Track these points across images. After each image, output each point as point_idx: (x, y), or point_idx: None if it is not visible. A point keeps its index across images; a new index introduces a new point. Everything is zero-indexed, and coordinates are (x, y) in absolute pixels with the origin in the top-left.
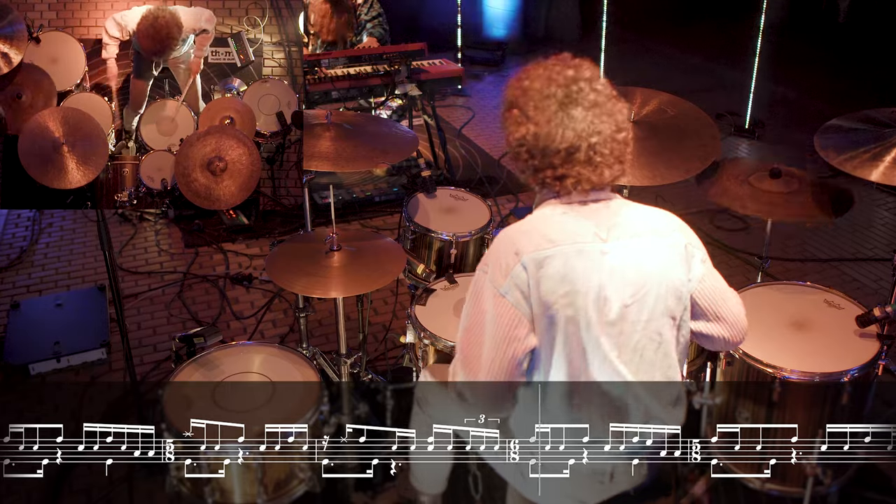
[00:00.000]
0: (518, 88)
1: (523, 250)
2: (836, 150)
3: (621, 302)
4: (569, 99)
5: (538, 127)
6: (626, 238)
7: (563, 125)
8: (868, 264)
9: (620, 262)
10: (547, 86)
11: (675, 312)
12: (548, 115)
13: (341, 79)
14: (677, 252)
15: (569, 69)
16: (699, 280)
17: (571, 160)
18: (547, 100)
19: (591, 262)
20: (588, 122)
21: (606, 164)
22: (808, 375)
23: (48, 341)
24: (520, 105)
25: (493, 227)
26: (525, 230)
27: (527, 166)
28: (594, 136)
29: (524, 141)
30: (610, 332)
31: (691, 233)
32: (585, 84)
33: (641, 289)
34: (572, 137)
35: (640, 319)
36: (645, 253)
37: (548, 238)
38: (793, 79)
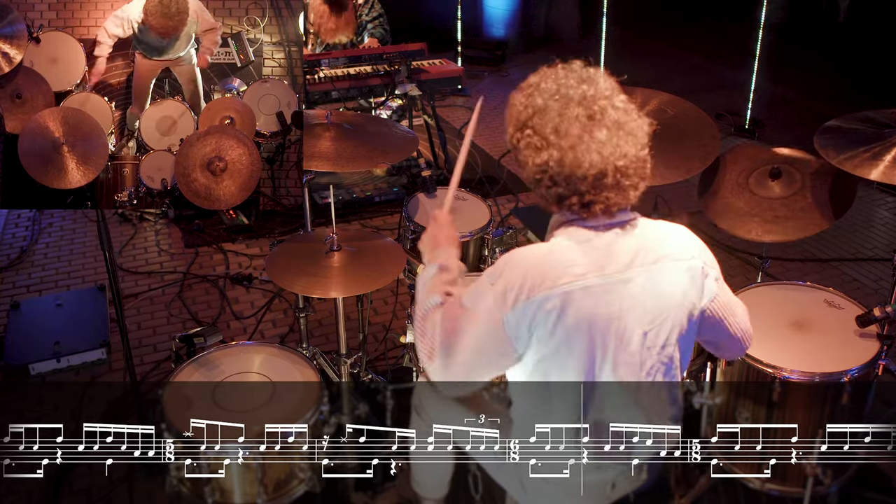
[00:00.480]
0: (530, 107)
1: (537, 288)
2: (836, 149)
3: (641, 331)
4: (592, 121)
5: (562, 152)
6: (647, 264)
7: (590, 150)
8: (868, 264)
9: (641, 290)
10: (565, 106)
11: (684, 336)
12: (571, 139)
13: (341, 79)
14: (694, 275)
15: (584, 84)
16: (711, 299)
17: (599, 186)
18: (567, 122)
19: (613, 293)
20: (614, 144)
21: (633, 186)
22: (808, 375)
23: (48, 341)
24: (535, 127)
25: (493, 228)
26: (545, 261)
27: (549, 194)
28: (621, 159)
29: (546, 168)
30: (628, 360)
31: (708, 253)
32: (606, 102)
33: (659, 316)
34: (599, 162)
35: (655, 345)
36: (664, 279)
37: (568, 271)
38: (793, 79)
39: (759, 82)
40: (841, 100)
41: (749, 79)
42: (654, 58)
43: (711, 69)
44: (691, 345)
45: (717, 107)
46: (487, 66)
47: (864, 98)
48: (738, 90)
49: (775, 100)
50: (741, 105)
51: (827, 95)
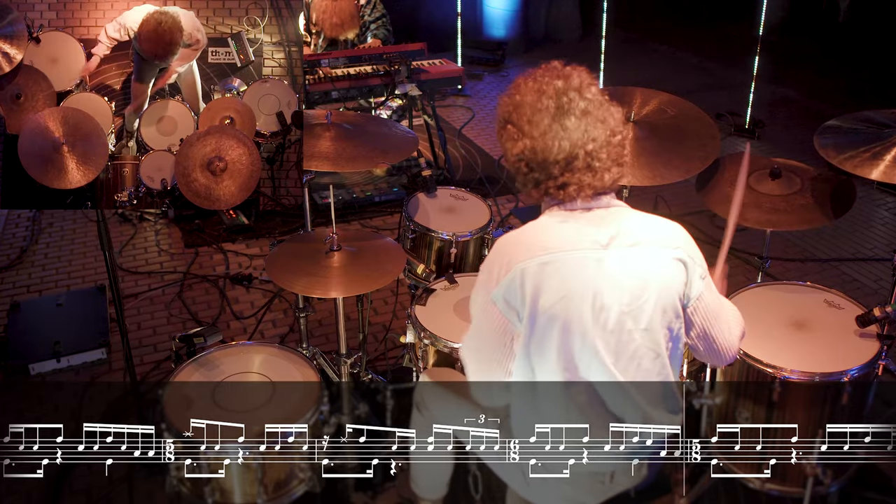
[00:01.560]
0: (510, 104)
1: (515, 258)
2: (836, 149)
3: (619, 309)
4: (560, 110)
5: (534, 140)
6: (625, 246)
7: (559, 136)
8: (868, 264)
9: (618, 269)
10: (538, 99)
11: (672, 324)
12: (542, 128)
13: (341, 79)
14: (678, 265)
15: (558, 80)
16: (697, 297)
17: (571, 168)
18: (539, 113)
19: (588, 269)
20: (582, 130)
21: (605, 168)
22: (808, 375)
23: (48, 341)
24: (513, 120)
25: (493, 227)
26: (521, 239)
27: (528, 179)
28: (590, 143)
29: (522, 156)
30: (608, 339)
31: (694, 246)
32: (575, 93)
33: (639, 297)
34: (568, 147)
35: (637, 328)
36: (644, 262)
37: (543, 246)
38: (793, 79)
39: (759, 82)
40: (841, 100)
41: (749, 79)
42: (654, 58)
43: (711, 69)
44: (681, 338)
45: (717, 107)
46: (487, 66)
47: (864, 98)
48: (738, 90)
49: (775, 100)
50: (741, 105)
51: (827, 95)
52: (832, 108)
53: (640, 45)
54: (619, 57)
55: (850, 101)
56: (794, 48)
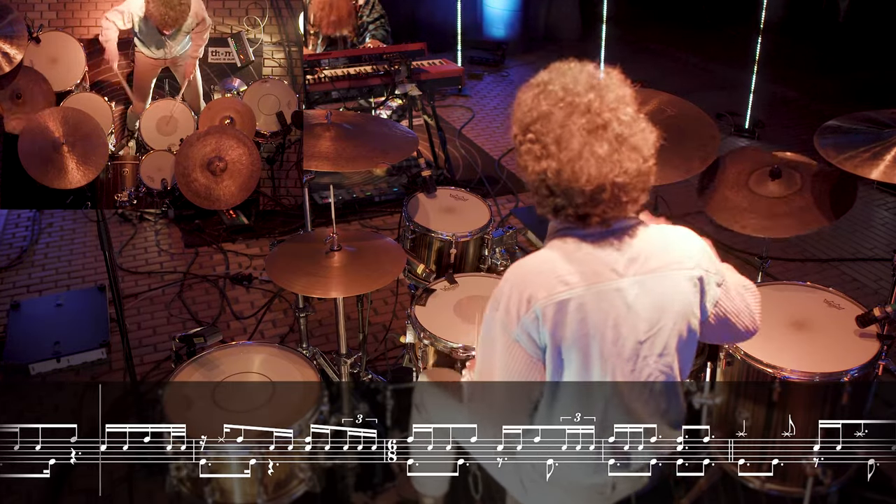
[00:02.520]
0: (535, 110)
1: (535, 296)
2: (836, 149)
3: (635, 339)
4: (593, 134)
5: (561, 164)
6: (643, 273)
7: (588, 164)
8: (868, 264)
9: (636, 299)
10: (568, 116)
11: (685, 343)
12: (571, 153)
13: (341, 79)
14: (695, 284)
15: (592, 92)
16: (714, 304)
17: (596, 200)
18: (569, 134)
19: (608, 301)
20: (614, 161)
21: (632, 201)
22: (808, 375)
23: (48, 341)
24: (537, 133)
25: (493, 228)
26: (537, 271)
27: (546, 203)
28: (620, 175)
29: (545, 177)
30: (623, 368)
31: (709, 257)
32: (611, 115)
33: (656, 325)
34: (598, 178)
35: (652, 354)
36: (662, 288)
37: (562, 280)
38: (793, 79)
39: (759, 82)
40: (841, 100)
41: (749, 79)
42: (654, 58)
43: (711, 69)
44: (692, 354)
45: (717, 107)
46: (487, 66)
47: (864, 98)
48: (738, 90)
49: (775, 100)
50: (741, 105)
51: (827, 95)
52: (832, 108)
53: (640, 44)
54: (619, 57)
55: (850, 101)
56: (794, 48)
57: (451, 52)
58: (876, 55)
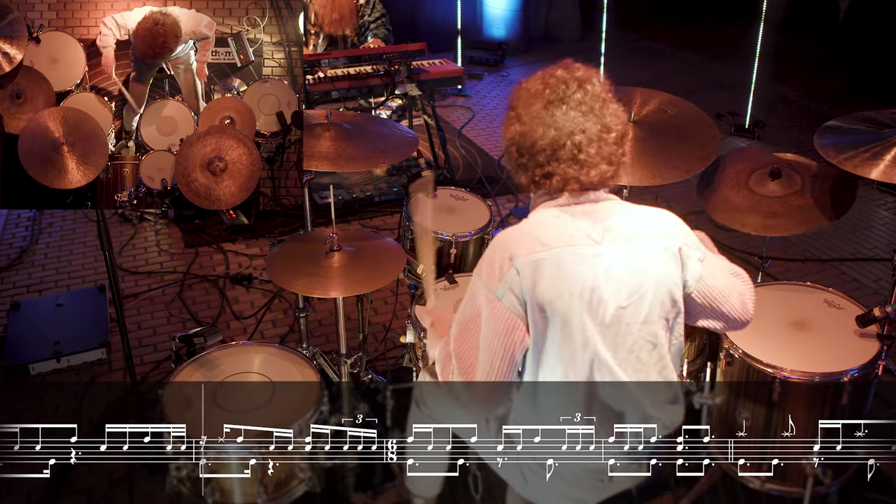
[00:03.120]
0: (516, 91)
1: (516, 254)
2: (836, 149)
3: (616, 304)
4: (555, 97)
5: (523, 125)
6: (620, 241)
7: (546, 123)
8: (868, 264)
9: (615, 264)
10: (537, 86)
11: (668, 315)
12: (532, 113)
13: (341, 79)
14: (673, 255)
15: (561, 69)
16: (697, 280)
17: (556, 157)
18: (534, 98)
19: (585, 264)
20: (571, 119)
21: (592, 164)
22: (808, 375)
23: (48, 341)
24: (514, 106)
25: (493, 227)
26: (518, 234)
27: (517, 164)
28: (578, 134)
29: (514, 140)
30: (605, 333)
31: (689, 233)
32: (574, 83)
33: (636, 291)
34: (554, 135)
35: (635, 321)
36: (640, 256)
37: (540, 241)
38: (793, 79)
39: (759, 82)
40: (841, 100)
41: (749, 79)
42: (654, 58)
43: (711, 69)
44: (680, 325)
45: (717, 107)
46: (487, 66)
47: (864, 98)
48: (738, 90)
49: (775, 100)
50: (741, 105)
51: (827, 95)
52: (832, 108)
53: (639, 44)
54: (619, 57)
55: (850, 101)
56: (794, 48)
57: (451, 52)
58: (876, 55)
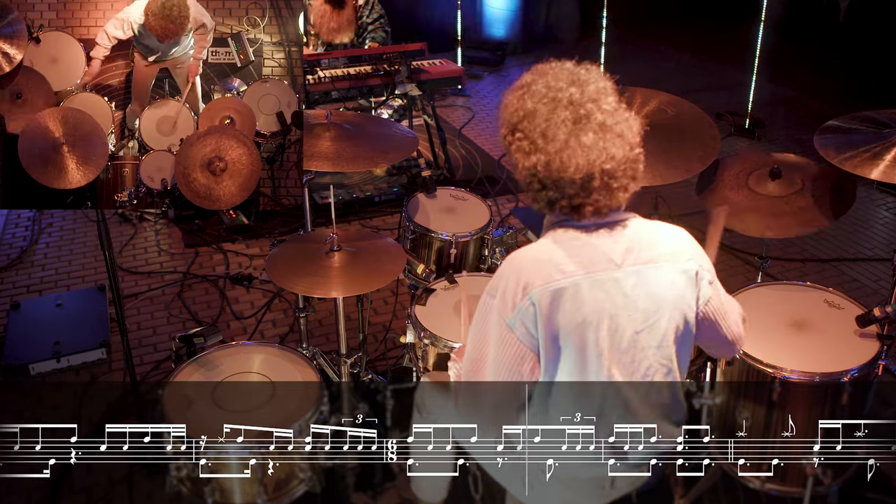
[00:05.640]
0: (521, 110)
1: (533, 283)
2: (836, 149)
3: (633, 329)
4: (578, 125)
5: (549, 157)
6: (640, 263)
7: (575, 154)
8: (868, 264)
9: (633, 289)
10: (553, 110)
11: (682, 336)
12: (558, 144)
13: (341, 79)
14: (689, 278)
15: (573, 87)
16: (705, 302)
17: (587, 189)
18: (555, 126)
19: (604, 291)
20: (600, 148)
21: (622, 187)
22: (808, 375)
23: (48, 341)
24: (524, 130)
25: (493, 227)
26: (535, 259)
27: (540, 197)
28: (608, 162)
29: (535, 171)
30: (622, 359)
31: (703, 256)
32: (593, 105)
33: (653, 316)
34: (586, 166)
35: (650, 346)
36: (658, 279)
37: (559, 268)
38: (793, 79)
39: (759, 82)
40: (841, 100)
41: (749, 78)
42: (654, 58)
43: (711, 69)
44: (690, 347)
45: (717, 107)
46: (487, 66)
47: (864, 98)
48: (738, 90)
49: (775, 100)
50: (741, 105)
51: (827, 95)
52: (832, 108)
53: (639, 44)
54: (619, 57)
55: (850, 101)
56: (794, 48)
57: (451, 52)
58: (876, 55)
